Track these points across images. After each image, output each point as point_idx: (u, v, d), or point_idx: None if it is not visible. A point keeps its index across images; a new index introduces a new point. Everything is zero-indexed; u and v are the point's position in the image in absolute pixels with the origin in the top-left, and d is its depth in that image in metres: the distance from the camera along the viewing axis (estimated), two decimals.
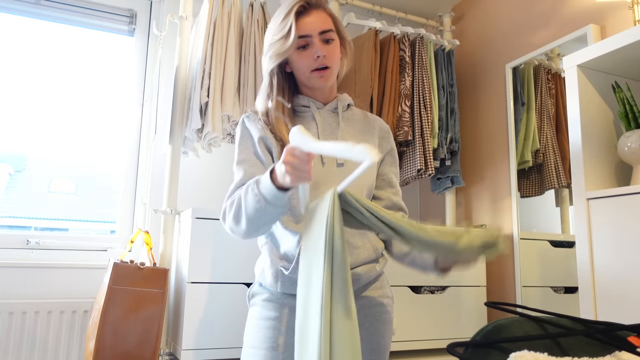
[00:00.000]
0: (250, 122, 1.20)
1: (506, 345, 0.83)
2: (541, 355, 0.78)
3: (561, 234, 2.08)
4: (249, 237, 1.07)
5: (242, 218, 1.03)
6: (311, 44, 1.13)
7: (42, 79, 2.30)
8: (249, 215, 1.02)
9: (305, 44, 1.14)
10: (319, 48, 1.13)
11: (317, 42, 1.13)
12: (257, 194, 0.98)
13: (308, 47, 1.14)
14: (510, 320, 0.90)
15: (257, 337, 1.12)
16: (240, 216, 1.03)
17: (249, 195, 1.00)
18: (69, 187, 2.34)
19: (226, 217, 1.09)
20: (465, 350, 0.82)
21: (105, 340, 1.68)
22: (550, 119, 2.14)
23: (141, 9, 2.50)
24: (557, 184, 2.08)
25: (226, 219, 1.09)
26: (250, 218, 1.02)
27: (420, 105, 2.29)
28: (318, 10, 1.16)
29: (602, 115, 1.58)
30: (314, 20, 1.14)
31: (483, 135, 2.47)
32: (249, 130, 1.20)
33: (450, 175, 2.41)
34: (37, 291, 2.05)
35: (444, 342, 2.03)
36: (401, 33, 2.35)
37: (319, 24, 1.14)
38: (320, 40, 1.14)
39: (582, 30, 1.95)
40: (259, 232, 1.07)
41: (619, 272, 1.37)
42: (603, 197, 1.44)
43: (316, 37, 1.13)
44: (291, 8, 1.13)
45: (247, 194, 1.01)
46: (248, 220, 1.02)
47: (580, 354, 0.84)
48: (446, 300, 2.06)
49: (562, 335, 0.86)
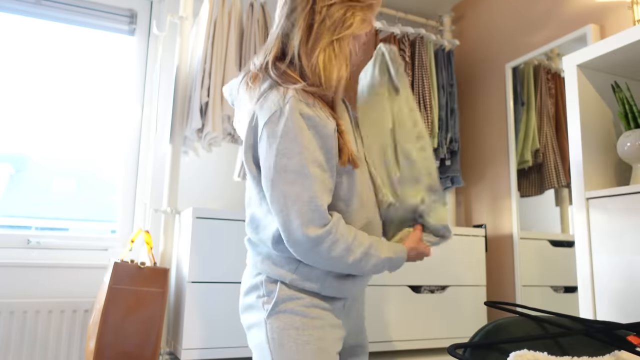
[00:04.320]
0: (309, 108, 1.00)
1: (506, 345, 0.83)
2: (541, 355, 0.78)
3: (561, 233, 2.08)
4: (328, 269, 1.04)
5: (346, 265, 1.00)
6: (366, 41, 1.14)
7: (43, 79, 2.31)
8: (359, 269, 1.02)
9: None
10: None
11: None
12: (384, 266, 1.05)
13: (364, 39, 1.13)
14: (510, 320, 0.90)
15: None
16: (346, 263, 0.99)
17: (374, 260, 1.02)
18: (69, 187, 2.34)
19: (329, 249, 0.97)
20: (465, 351, 0.83)
21: (106, 339, 1.69)
22: (550, 118, 2.15)
23: (141, 8, 2.50)
24: (556, 183, 2.08)
25: (328, 250, 0.97)
26: (358, 270, 1.03)
27: (420, 105, 2.29)
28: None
29: (602, 115, 1.58)
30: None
31: (483, 135, 2.47)
32: (319, 120, 1.00)
33: (450, 175, 2.41)
34: (38, 290, 2.06)
35: (444, 342, 2.03)
36: (401, 33, 2.36)
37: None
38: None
39: (581, 30, 1.95)
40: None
41: (619, 271, 1.38)
42: (603, 196, 1.44)
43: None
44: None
45: (373, 259, 1.02)
46: (353, 269, 1.02)
47: (580, 353, 0.84)
48: (446, 299, 2.07)
49: (562, 334, 0.86)
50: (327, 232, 0.95)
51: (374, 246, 1.03)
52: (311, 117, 0.98)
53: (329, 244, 0.96)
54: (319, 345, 1.00)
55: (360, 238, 1.01)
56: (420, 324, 2.00)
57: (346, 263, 0.99)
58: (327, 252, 0.96)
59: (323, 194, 0.97)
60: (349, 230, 1.00)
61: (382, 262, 1.04)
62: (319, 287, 1.03)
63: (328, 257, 0.97)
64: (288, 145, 0.95)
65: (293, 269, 1.03)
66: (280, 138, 0.96)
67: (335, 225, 0.97)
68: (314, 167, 0.96)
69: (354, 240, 0.99)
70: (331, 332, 1.04)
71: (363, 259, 1.01)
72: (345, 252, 0.98)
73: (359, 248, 1.00)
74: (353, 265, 1.00)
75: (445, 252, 2.10)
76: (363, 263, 1.01)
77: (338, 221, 0.99)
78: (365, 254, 1.01)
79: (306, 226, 0.94)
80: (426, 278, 2.04)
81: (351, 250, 0.98)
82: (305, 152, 0.95)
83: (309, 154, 0.96)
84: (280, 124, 0.96)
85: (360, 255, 1.00)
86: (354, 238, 1.00)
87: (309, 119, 0.97)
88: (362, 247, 1.00)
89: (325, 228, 0.95)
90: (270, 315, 1.01)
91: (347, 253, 0.98)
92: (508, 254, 2.24)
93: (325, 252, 0.96)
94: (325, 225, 0.96)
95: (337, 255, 0.97)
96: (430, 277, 2.05)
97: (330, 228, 0.96)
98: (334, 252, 0.96)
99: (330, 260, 0.98)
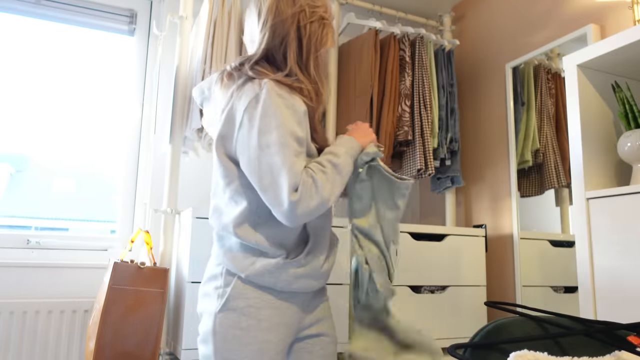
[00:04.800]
0: (284, 91, 1.10)
1: (506, 345, 0.83)
2: (541, 355, 0.78)
3: (561, 233, 2.08)
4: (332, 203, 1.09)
5: (333, 189, 1.06)
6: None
7: (43, 79, 2.31)
8: (342, 179, 1.09)
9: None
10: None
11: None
12: (349, 161, 1.11)
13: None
14: (510, 320, 0.90)
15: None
16: (333, 189, 1.06)
17: (341, 166, 1.08)
18: (69, 187, 2.34)
19: (324, 188, 1.04)
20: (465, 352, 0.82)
21: (106, 339, 1.69)
22: (550, 118, 2.15)
23: (141, 8, 2.50)
24: (557, 183, 2.08)
25: (325, 189, 1.04)
26: (344, 178, 1.10)
27: (420, 105, 2.29)
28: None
29: (602, 115, 1.58)
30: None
31: (483, 135, 2.47)
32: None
33: (450, 175, 2.41)
34: (38, 291, 2.06)
35: (443, 342, 2.03)
36: (401, 33, 2.35)
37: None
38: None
39: (582, 30, 1.95)
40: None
41: (619, 271, 1.38)
42: (603, 196, 1.44)
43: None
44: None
45: (340, 166, 1.08)
46: (340, 182, 1.08)
47: (580, 354, 0.84)
48: (446, 299, 2.07)
49: (562, 335, 0.86)
50: (301, 193, 1.00)
51: (330, 159, 1.09)
52: (287, 97, 1.05)
53: (307, 199, 1.01)
54: (260, 347, 1.05)
55: (320, 167, 1.07)
56: (420, 324, 2.00)
57: (330, 193, 1.04)
58: (310, 204, 1.01)
59: (301, 162, 1.03)
60: (313, 172, 1.04)
61: (346, 157, 1.11)
62: (273, 283, 1.07)
63: (315, 205, 1.01)
64: (267, 122, 1.02)
65: (250, 263, 1.07)
66: (260, 118, 1.03)
67: (303, 182, 1.01)
68: (292, 140, 1.03)
69: (320, 174, 1.04)
70: (278, 333, 1.07)
71: (336, 175, 1.07)
72: (323, 189, 1.03)
73: (327, 174, 1.05)
74: (335, 189, 1.06)
75: (445, 252, 2.10)
76: (339, 175, 1.08)
77: (306, 174, 1.03)
78: (332, 171, 1.07)
79: (291, 192, 1.00)
80: (426, 278, 2.04)
81: (323, 184, 1.04)
82: (283, 127, 1.02)
83: (287, 128, 1.02)
84: (258, 106, 1.03)
85: (332, 177, 1.06)
86: (318, 173, 1.04)
87: (285, 99, 1.05)
88: (328, 170, 1.06)
89: (298, 191, 1.01)
90: (221, 310, 1.06)
91: (325, 188, 1.03)
92: (508, 254, 2.24)
93: (310, 204, 1.01)
94: (297, 189, 1.02)
95: (318, 200, 1.02)
96: (430, 277, 2.05)
97: (301, 188, 1.01)
98: (314, 199, 1.01)
99: (320, 204, 1.02)
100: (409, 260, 2.02)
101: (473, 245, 2.17)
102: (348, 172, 1.11)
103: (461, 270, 2.12)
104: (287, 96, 1.05)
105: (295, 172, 1.00)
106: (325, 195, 1.02)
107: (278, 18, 1.11)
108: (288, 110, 1.04)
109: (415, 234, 2.06)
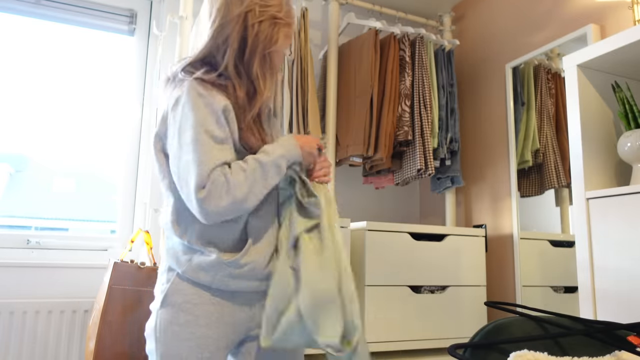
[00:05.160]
0: (205, 90, 1.12)
1: (506, 345, 0.83)
2: (541, 355, 0.78)
3: (561, 233, 2.08)
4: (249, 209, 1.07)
5: (246, 193, 1.04)
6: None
7: (42, 79, 2.31)
8: (264, 184, 1.07)
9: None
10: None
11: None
12: (281, 163, 1.09)
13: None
14: (510, 320, 0.90)
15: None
16: (247, 193, 1.04)
17: (268, 167, 1.07)
18: (69, 187, 2.34)
19: (238, 189, 1.03)
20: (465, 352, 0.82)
21: (106, 339, 1.68)
22: (550, 118, 2.15)
23: (141, 8, 2.50)
24: (557, 183, 2.08)
25: (239, 190, 1.03)
26: (265, 185, 1.07)
27: (420, 105, 2.29)
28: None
29: (602, 115, 1.58)
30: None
31: (483, 135, 2.47)
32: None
33: (450, 175, 2.41)
34: (38, 291, 2.06)
35: (444, 342, 2.03)
36: (401, 33, 2.35)
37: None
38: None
39: (582, 30, 1.95)
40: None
41: (619, 271, 1.38)
42: (603, 197, 1.44)
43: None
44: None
45: (267, 166, 1.07)
46: (260, 188, 1.06)
47: (580, 354, 0.84)
48: (446, 300, 2.07)
49: (562, 335, 0.86)
50: (208, 191, 1.00)
51: (258, 158, 1.07)
52: (205, 96, 1.06)
53: (216, 198, 1.00)
54: (198, 342, 1.05)
55: (243, 165, 1.06)
56: (420, 324, 2.00)
57: (247, 194, 1.03)
58: (219, 203, 1.01)
59: (213, 158, 1.02)
60: (231, 171, 1.03)
61: (277, 160, 1.09)
62: (209, 282, 1.07)
63: (224, 205, 1.01)
64: (185, 121, 1.05)
65: (187, 259, 1.08)
66: (180, 118, 1.06)
67: (213, 180, 1.01)
68: (207, 137, 1.03)
69: (238, 174, 1.03)
70: (218, 329, 1.08)
71: (259, 176, 1.05)
72: (235, 189, 1.02)
73: (247, 174, 1.04)
74: (253, 189, 1.04)
75: (445, 252, 2.10)
76: (263, 176, 1.06)
77: (219, 172, 1.02)
78: (254, 170, 1.05)
79: (197, 190, 1.00)
80: (426, 278, 2.04)
81: (238, 183, 1.02)
82: (198, 125, 1.03)
83: (202, 127, 1.04)
84: (179, 106, 1.07)
85: (251, 178, 1.04)
86: (237, 172, 1.04)
87: (204, 97, 1.06)
88: (249, 170, 1.05)
89: (205, 188, 1.01)
90: (162, 306, 1.08)
91: (238, 188, 1.02)
92: (508, 254, 2.24)
93: (220, 204, 1.01)
94: (205, 186, 1.01)
95: (228, 200, 1.01)
96: (430, 277, 2.05)
97: (209, 186, 1.00)
98: (224, 199, 1.01)
99: (231, 204, 1.02)
100: (409, 260, 2.02)
101: (473, 245, 2.17)
102: (276, 174, 1.09)
103: (461, 270, 2.12)
104: (207, 94, 1.06)
105: (203, 170, 1.00)
106: (239, 196, 1.02)
107: (226, 18, 1.11)
108: (206, 109, 1.05)
109: (415, 234, 2.06)
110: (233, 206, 1.02)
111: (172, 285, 1.08)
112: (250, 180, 1.04)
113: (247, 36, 1.11)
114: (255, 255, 1.10)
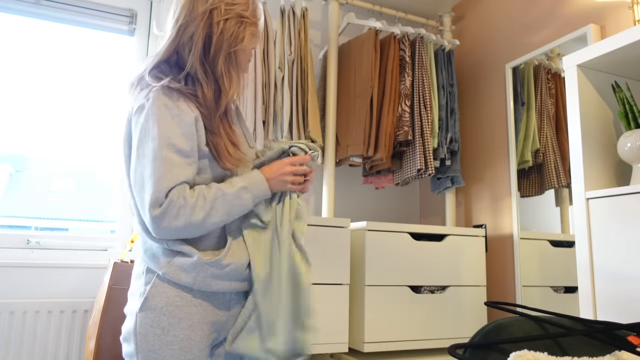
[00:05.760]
0: (171, 100, 1.10)
1: (506, 345, 0.83)
2: (541, 355, 0.78)
3: (561, 233, 2.08)
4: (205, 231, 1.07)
5: (202, 221, 1.04)
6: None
7: (42, 79, 2.31)
8: (223, 215, 1.06)
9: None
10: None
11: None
12: (244, 196, 1.08)
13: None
14: (510, 320, 0.90)
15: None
16: (203, 220, 1.04)
17: (229, 197, 1.06)
18: (69, 187, 2.34)
19: (194, 214, 1.03)
20: (465, 352, 0.82)
21: (105, 340, 1.69)
22: (550, 118, 2.15)
23: (141, 8, 2.50)
24: (557, 183, 2.08)
25: (195, 214, 1.03)
26: (222, 217, 1.06)
27: (420, 105, 2.29)
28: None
29: (602, 115, 1.58)
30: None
31: (483, 135, 2.47)
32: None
33: (450, 175, 2.41)
34: (38, 291, 2.06)
35: (444, 342, 2.03)
36: (401, 33, 2.36)
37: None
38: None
39: (582, 30, 1.95)
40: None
41: (619, 271, 1.38)
42: (603, 197, 1.44)
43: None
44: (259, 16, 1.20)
45: (229, 196, 1.06)
46: (215, 219, 1.05)
47: (580, 354, 0.84)
48: (446, 300, 2.07)
49: (562, 335, 0.86)
50: (164, 209, 1.00)
51: (222, 188, 1.07)
52: (172, 107, 1.04)
53: (170, 218, 1.00)
54: (181, 345, 1.05)
55: (206, 192, 1.05)
56: (420, 324, 2.00)
57: (203, 220, 1.03)
58: (173, 223, 1.01)
59: (173, 177, 1.02)
60: (192, 194, 1.03)
61: (238, 193, 1.08)
62: (191, 282, 1.07)
63: (178, 226, 1.01)
64: (146, 132, 1.03)
65: (168, 261, 1.07)
66: (141, 127, 1.04)
67: (171, 200, 1.00)
68: (170, 151, 1.02)
69: (198, 199, 1.03)
70: (201, 330, 1.08)
71: (217, 206, 1.04)
72: (192, 213, 1.02)
73: (207, 201, 1.04)
74: (210, 218, 1.04)
75: (445, 252, 2.10)
76: (223, 206, 1.05)
77: (178, 192, 1.01)
78: (215, 199, 1.04)
79: (153, 207, 1.00)
80: (426, 278, 2.04)
81: (196, 208, 1.02)
82: (162, 138, 1.01)
83: (165, 140, 1.02)
84: (142, 116, 1.04)
85: (210, 206, 1.04)
86: (197, 197, 1.03)
87: (171, 109, 1.04)
88: (209, 198, 1.04)
89: (162, 206, 1.00)
90: (142, 309, 1.06)
91: (194, 213, 1.02)
92: (508, 254, 2.24)
93: (173, 223, 1.01)
94: (162, 204, 1.01)
95: (183, 222, 1.01)
96: (430, 277, 2.05)
97: (166, 206, 1.00)
98: (180, 220, 1.01)
99: (185, 227, 1.02)
100: (409, 261, 2.02)
101: (473, 245, 2.17)
102: (239, 207, 1.08)
103: (461, 270, 2.12)
104: (173, 105, 1.04)
105: (160, 188, 0.99)
106: (194, 221, 1.02)
107: (190, 16, 1.10)
108: (173, 121, 1.03)
109: (415, 234, 2.06)
110: (187, 229, 1.02)
111: (153, 287, 1.07)
112: (209, 207, 1.03)
113: (212, 34, 1.10)
114: (237, 256, 1.10)
